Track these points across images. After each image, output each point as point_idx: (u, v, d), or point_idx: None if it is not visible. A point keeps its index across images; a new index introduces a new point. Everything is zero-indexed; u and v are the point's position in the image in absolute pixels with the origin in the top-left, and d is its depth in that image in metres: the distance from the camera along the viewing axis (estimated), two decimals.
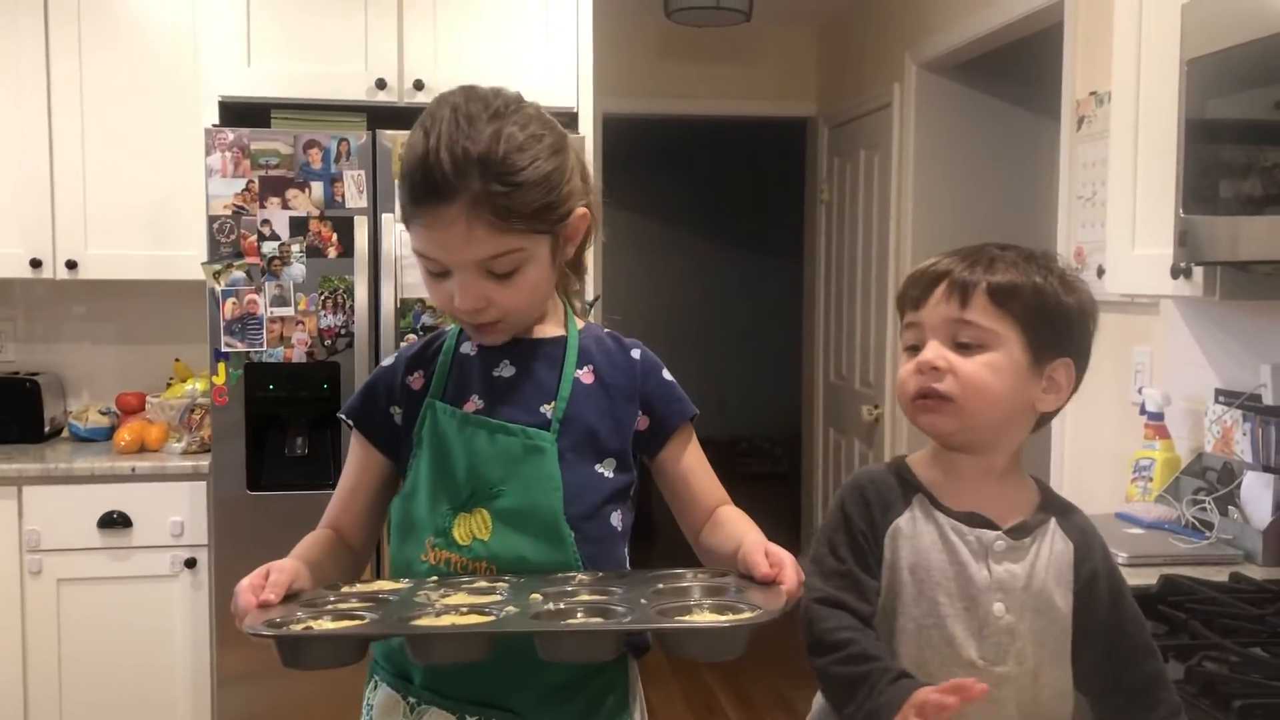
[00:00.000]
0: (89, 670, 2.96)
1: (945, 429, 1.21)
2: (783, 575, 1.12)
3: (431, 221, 1.20)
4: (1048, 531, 1.23)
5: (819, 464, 5.09)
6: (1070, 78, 2.94)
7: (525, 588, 1.16)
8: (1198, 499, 2.20)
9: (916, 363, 1.20)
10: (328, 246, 2.85)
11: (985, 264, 1.19)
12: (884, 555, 1.21)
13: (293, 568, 1.17)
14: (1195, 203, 1.86)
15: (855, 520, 1.22)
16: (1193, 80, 1.86)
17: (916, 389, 1.20)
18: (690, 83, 4.89)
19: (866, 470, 1.29)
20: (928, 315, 1.20)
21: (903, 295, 1.25)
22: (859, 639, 1.15)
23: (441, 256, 1.23)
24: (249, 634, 1.04)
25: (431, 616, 1.07)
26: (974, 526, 1.21)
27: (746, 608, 1.05)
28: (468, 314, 1.26)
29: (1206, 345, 2.37)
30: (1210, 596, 1.76)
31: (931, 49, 3.84)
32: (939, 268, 1.21)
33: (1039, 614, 1.20)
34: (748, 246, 7.91)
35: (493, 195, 1.18)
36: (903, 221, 4.08)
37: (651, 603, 1.10)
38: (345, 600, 1.15)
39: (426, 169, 1.18)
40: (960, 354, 1.18)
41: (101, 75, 3.14)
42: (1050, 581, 1.21)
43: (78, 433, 3.31)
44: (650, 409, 1.35)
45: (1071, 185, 2.94)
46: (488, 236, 1.19)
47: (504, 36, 3.08)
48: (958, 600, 1.19)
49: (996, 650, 1.18)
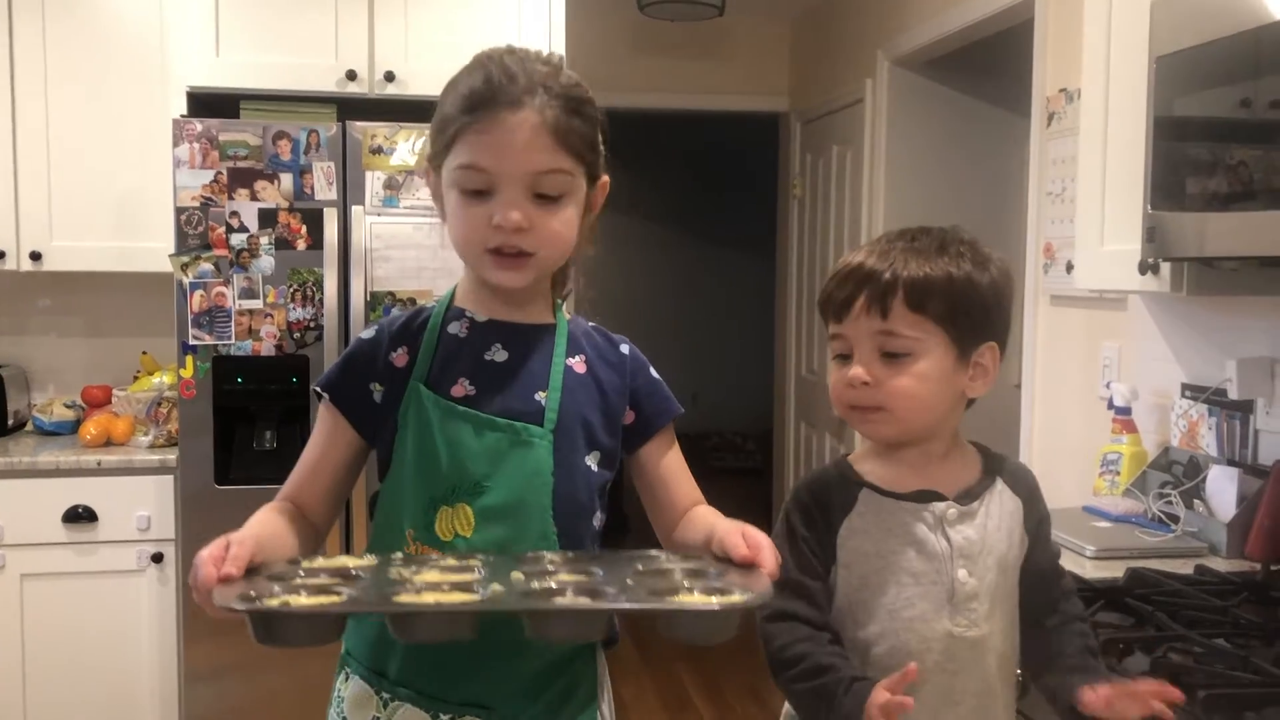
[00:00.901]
0: (54, 667, 2.92)
1: (883, 435, 1.26)
2: (761, 558, 1.12)
3: (491, 126, 1.20)
4: (995, 491, 1.28)
5: (790, 458, 5.10)
6: (1040, 74, 2.96)
7: (502, 565, 1.13)
8: (1164, 492, 2.23)
9: (847, 378, 1.23)
10: (297, 239, 2.83)
11: (899, 263, 1.21)
12: (838, 555, 1.24)
13: (254, 540, 1.10)
14: (1163, 199, 1.87)
15: (798, 529, 1.26)
16: (1161, 78, 1.88)
17: (850, 401, 1.24)
18: (662, 77, 4.89)
19: (810, 476, 1.33)
20: (851, 329, 1.23)
21: (825, 302, 1.26)
22: (811, 651, 1.19)
23: (497, 164, 1.20)
24: (220, 608, 0.99)
25: (413, 594, 1.03)
26: (924, 502, 1.25)
27: (737, 590, 1.05)
28: (508, 232, 1.21)
29: (1173, 340, 2.39)
30: (1176, 589, 1.78)
31: (903, 45, 3.85)
32: (855, 270, 1.23)
33: (999, 572, 1.25)
34: (720, 241, 7.92)
35: (558, 112, 1.21)
36: (874, 217, 4.09)
37: (639, 583, 1.08)
38: (315, 576, 1.10)
39: (491, 80, 1.21)
40: (887, 364, 1.21)
41: (67, 65, 3.09)
42: (1004, 538, 1.26)
43: (42, 426, 3.26)
44: (637, 405, 1.34)
45: (1041, 181, 2.96)
46: (547, 148, 1.21)
47: (476, 28, 3.06)
48: (923, 577, 1.22)
49: (969, 616, 1.22)
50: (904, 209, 4.00)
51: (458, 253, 1.30)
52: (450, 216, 1.27)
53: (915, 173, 4.01)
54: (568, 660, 1.28)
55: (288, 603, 1.00)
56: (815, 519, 1.25)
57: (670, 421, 1.37)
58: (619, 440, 1.33)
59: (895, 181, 4.03)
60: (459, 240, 1.27)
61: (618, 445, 1.33)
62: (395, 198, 2.86)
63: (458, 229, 1.26)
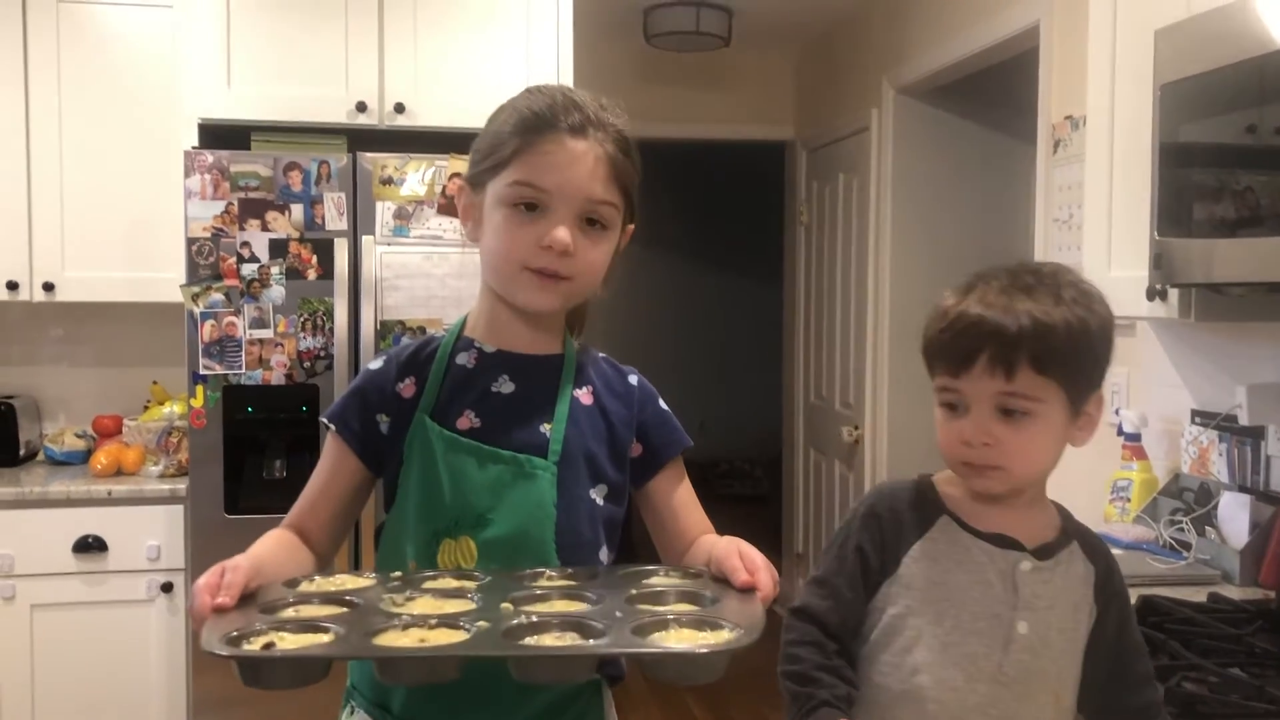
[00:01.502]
0: (63, 697, 2.92)
1: (994, 489, 1.22)
2: (758, 580, 1.12)
3: (555, 148, 1.23)
4: (1071, 554, 1.25)
5: (800, 485, 5.09)
6: (1046, 102, 2.97)
7: (495, 590, 1.12)
8: (1175, 519, 2.22)
9: (963, 439, 1.18)
10: (307, 268, 2.85)
11: (1023, 318, 1.14)
12: (899, 572, 1.22)
13: (249, 567, 1.10)
14: (1170, 225, 1.88)
15: (857, 535, 1.24)
16: (1166, 105, 1.89)
17: (964, 458, 1.20)
18: (669, 107, 4.91)
19: (890, 486, 1.30)
20: (971, 387, 1.17)
21: (939, 351, 1.20)
22: (808, 658, 1.19)
23: (557, 185, 1.22)
24: (205, 652, 0.99)
25: (398, 630, 1.02)
26: (1001, 548, 1.22)
27: (727, 625, 1.03)
28: (554, 254, 1.22)
29: (1182, 366, 2.39)
30: (1189, 617, 1.77)
31: (909, 74, 3.87)
32: (975, 323, 1.16)
33: (1060, 634, 1.22)
34: (727, 269, 7.93)
35: (615, 149, 1.26)
36: (881, 244, 4.10)
37: (627, 617, 1.06)
38: (306, 602, 1.09)
39: (556, 105, 1.25)
40: (1006, 423, 1.17)
41: (80, 97, 3.13)
42: (1073, 603, 1.24)
43: (53, 456, 3.27)
44: (645, 438, 1.34)
45: (1047, 208, 2.97)
46: (603, 180, 1.25)
47: (485, 60, 3.09)
48: (982, 619, 1.20)
49: (1019, 668, 1.20)
50: (911, 236, 4.01)
51: (489, 271, 1.29)
52: (492, 233, 1.27)
53: (921, 200, 4.02)
54: (574, 696, 1.27)
55: (272, 643, 1.00)
56: (885, 530, 1.23)
57: (679, 454, 1.36)
58: (626, 473, 1.33)
59: (901, 208, 4.04)
60: (499, 255, 1.26)
61: (625, 478, 1.32)
62: (405, 227, 2.88)
63: (500, 245, 1.26)
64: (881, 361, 4.11)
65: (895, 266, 4.03)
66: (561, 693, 1.26)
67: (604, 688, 1.33)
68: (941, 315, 1.20)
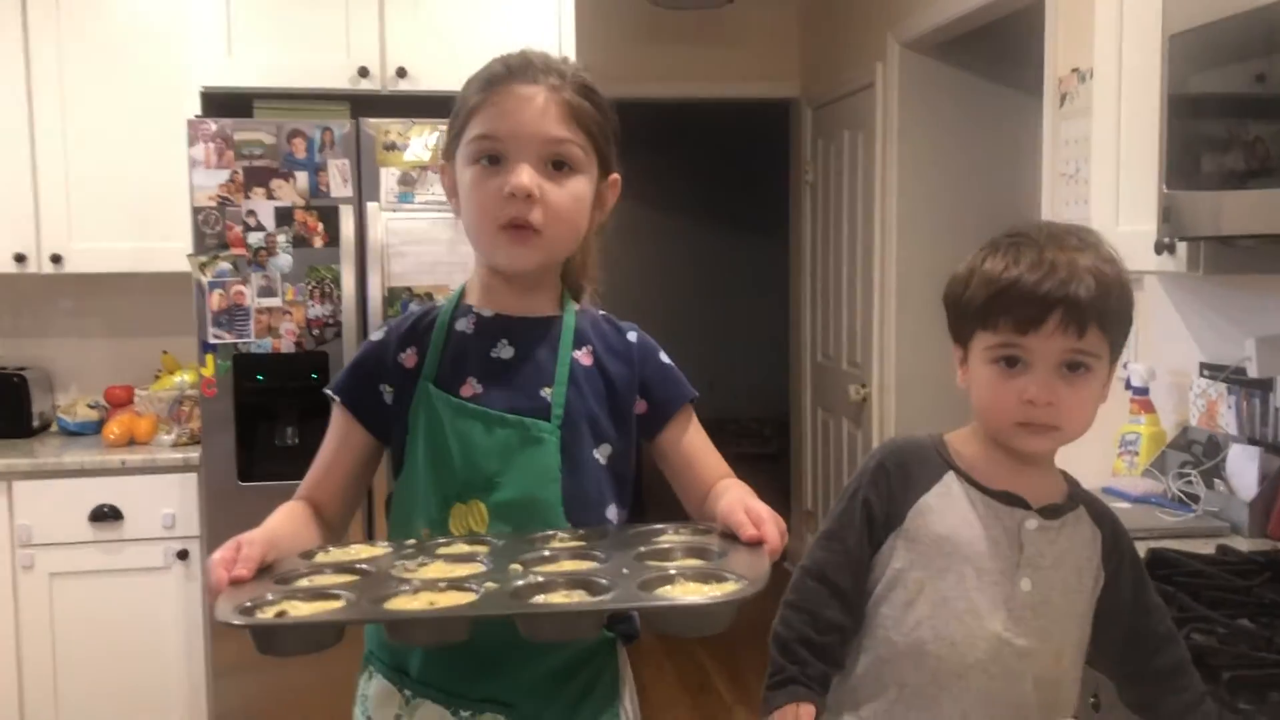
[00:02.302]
0: (84, 664, 2.96)
1: (1044, 450, 1.24)
2: (764, 532, 1.13)
3: (507, 96, 1.25)
4: (1078, 517, 1.26)
5: (808, 444, 5.10)
6: (1052, 55, 2.94)
7: (505, 553, 1.14)
8: (1184, 472, 2.23)
9: (1025, 398, 1.18)
10: (313, 236, 2.85)
11: (1075, 277, 1.16)
12: (904, 525, 1.23)
13: (264, 539, 1.13)
14: (1178, 178, 1.87)
15: (865, 488, 1.26)
16: (1174, 55, 1.87)
17: (1024, 418, 1.19)
18: (673, 66, 4.87)
19: (900, 440, 1.31)
20: (1041, 344, 1.17)
21: (999, 310, 1.18)
22: (798, 627, 1.22)
23: (509, 130, 1.24)
24: (219, 623, 1.01)
25: (409, 594, 1.04)
26: (1006, 504, 1.23)
27: (731, 577, 1.04)
28: (519, 201, 1.23)
29: (1191, 319, 2.39)
30: (1198, 569, 1.78)
31: (914, 28, 3.83)
32: (1046, 281, 1.16)
33: (1064, 593, 1.23)
34: (733, 228, 7.90)
35: (570, 93, 1.27)
36: (887, 201, 4.08)
37: (634, 573, 1.07)
38: (320, 572, 1.11)
39: (508, 63, 1.28)
40: (1066, 380, 1.18)
41: (82, 67, 3.11)
42: (1078, 563, 1.25)
43: (66, 427, 3.30)
44: (648, 393, 1.35)
45: (1054, 162, 2.95)
46: (558, 119, 1.25)
47: (486, 23, 3.07)
48: (986, 575, 1.21)
49: (1020, 624, 1.21)
50: (917, 192, 3.99)
51: (470, 238, 1.31)
52: (464, 198, 1.29)
53: (927, 155, 4.00)
54: (588, 655, 1.29)
55: (284, 611, 1.02)
56: (892, 483, 1.24)
57: (685, 404, 1.37)
58: (630, 431, 1.34)
59: (907, 165, 4.01)
60: (472, 219, 1.28)
61: (629, 436, 1.33)
62: (410, 193, 2.88)
63: (471, 207, 1.28)
64: (888, 320, 4.10)
65: (901, 224, 4.01)
66: (576, 652, 1.27)
67: (618, 646, 1.34)
68: (994, 277, 1.19)
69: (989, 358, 1.21)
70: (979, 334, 1.21)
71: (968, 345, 1.24)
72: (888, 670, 1.24)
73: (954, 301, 1.25)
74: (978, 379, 1.23)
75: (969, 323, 1.23)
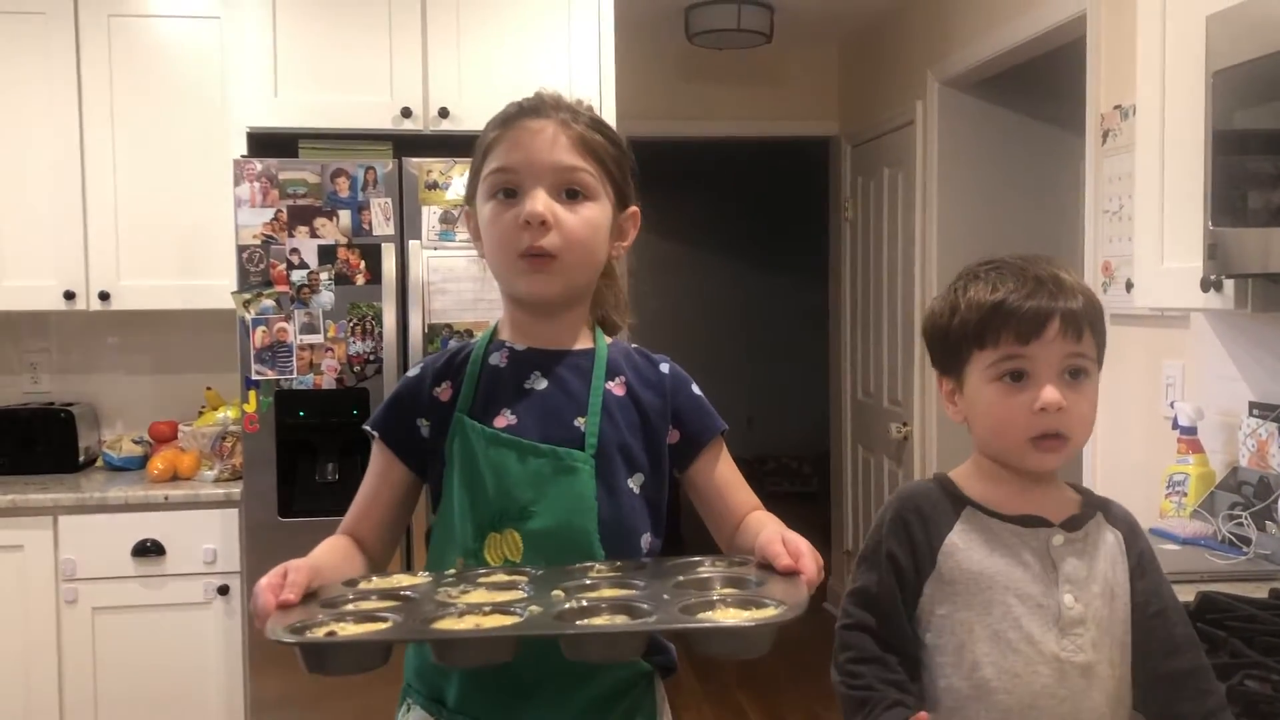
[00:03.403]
0: (125, 698, 2.98)
1: (1055, 465, 1.23)
2: (801, 564, 1.13)
3: (520, 130, 1.29)
4: (1098, 524, 1.26)
5: (848, 482, 5.06)
6: (1094, 91, 2.93)
7: (546, 582, 1.15)
8: (1234, 514, 2.18)
9: (1043, 404, 1.18)
10: (356, 274, 2.88)
11: (1063, 289, 1.19)
12: (936, 569, 1.22)
13: (310, 567, 1.15)
14: (1224, 214, 1.84)
15: (887, 541, 1.24)
16: (1219, 92, 1.85)
17: (1040, 430, 1.19)
18: (712, 104, 4.91)
19: (909, 489, 1.30)
20: (1043, 351, 1.18)
21: (999, 324, 1.19)
22: (868, 674, 1.19)
23: (521, 161, 1.27)
24: (271, 640, 1.03)
25: (454, 617, 1.06)
26: (1030, 526, 1.23)
27: (771, 604, 1.05)
28: (534, 229, 1.26)
29: (1239, 358, 2.35)
30: (1250, 614, 1.73)
31: (953, 66, 3.83)
32: (1040, 291, 1.18)
33: (1105, 602, 1.23)
34: (773, 265, 7.90)
35: (580, 127, 1.31)
36: (927, 238, 4.07)
37: (674, 599, 1.08)
38: (365, 599, 1.14)
39: (521, 101, 1.33)
40: (1071, 386, 1.19)
41: (132, 109, 3.19)
42: (1109, 569, 1.24)
43: (111, 462, 3.34)
44: (681, 423, 1.35)
45: (1097, 199, 2.93)
46: (568, 149, 1.29)
47: (527, 63, 3.11)
48: (1029, 600, 1.21)
49: (1074, 640, 1.20)
50: (957, 230, 3.97)
51: (493, 272, 1.34)
52: (484, 233, 1.32)
53: (968, 193, 3.98)
54: (625, 687, 1.29)
55: (334, 632, 1.04)
56: (913, 531, 1.23)
57: (716, 436, 1.37)
58: (664, 461, 1.34)
59: (947, 202, 4.00)
60: (493, 251, 1.31)
61: (663, 466, 1.34)
62: (451, 232, 2.90)
63: (491, 240, 1.31)
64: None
65: (942, 261, 3.99)
66: (614, 684, 1.27)
67: (656, 679, 1.34)
68: (984, 299, 1.20)
69: (992, 375, 1.21)
70: (976, 355, 1.22)
71: (962, 372, 1.24)
72: (959, 718, 1.21)
73: (941, 331, 1.26)
74: (981, 401, 1.22)
75: (963, 347, 1.23)
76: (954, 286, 1.26)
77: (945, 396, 1.29)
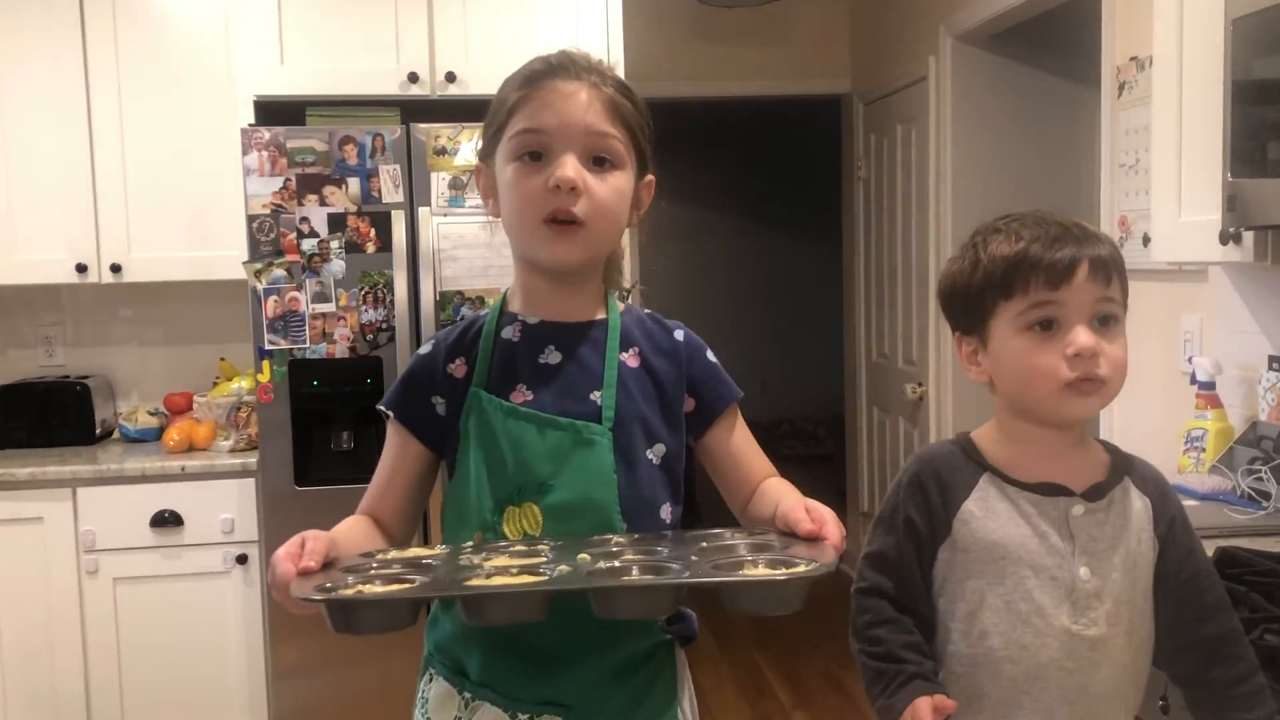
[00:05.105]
0: (148, 666, 3.01)
1: (1093, 412, 1.21)
2: (825, 530, 1.13)
3: (550, 91, 1.25)
4: (1125, 491, 1.23)
5: (863, 444, 5.06)
6: (1110, 44, 2.88)
7: (569, 549, 1.14)
8: (1253, 468, 2.16)
9: (1077, 348, 1.15)
10: (366, 242, 2.87)
11: (1088, 236, 1.18)
12: (952, 536, 1.21)
13: (329, 538, 1.15)
14: (1243, 166, 1.81)
15: (904, 506, 1.23)
16: (1238, 40, 1.82)
17: (1078, 375, 1.16)
18: (721, 64, 4.86)
19: (928, 450, 1.29)
20: (1074, 296, 1.16)
21: (1027, 271, 1.17)
22: (889, 638, 1.19)
23: (555, 123, 1.24)
24: (298, 599, 1.03)
25: (482, 578, 1.05)
26: (1049, 495, 1.21)
27: (802, 561, 1.05)
28: (563, 194, 1.22)
29: (1259, 311, 2.32)
30: (1270, 568, 1.72)
31: (966, 20, 3.78)
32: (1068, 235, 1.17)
33: (1125, 573, 1.20)
34: (785, 227, 7.86)
35: (610, 90, 1.27)
36: (942, 196, 4.03)
37: (703, 559, 1.09)
38: (388, 566, 1.13)
39: (549, 60, 1.28)
40: (1102, 332, 1.17)
41: (138, 79, 3.17)
42: (1132, 540, 1.21)
43: (128, 434, 3.36)
44: (696, 392, 1.34)
45: (1114, 153, 2.89)
46: (602, 115, 1.26)
47: (534, 25, 3.08)
48: (1043, 571, 1.19)
49: (1087, 614, 1.18)
50: (972, 186, 3.93)
51: (511, 235, 1.30)
52: (505, 195, 1.28)
53: (982, 149, 3.94)
54: (646, 656, 1.28)
55: (361, 591, 1.03)
56: (930, 495, 1.22)
57: (732, 404, 1.36)
58: (681, 429, 1.33)
59: (962, 159, 3.96)
60: (514, 214, 1.27)
61: (680, 434, 1.33)
62: (461, 198, 2.89)
63: (513, 202, 1.26)
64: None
65: (956, 219, 3.95)
66: (634, 653, 1.27)
67: (676, 648, 1.34)
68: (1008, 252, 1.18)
69: (1020, 325, 1.18)
70: (1003, 306, 1.19)
71: (985, 328, 1.22)
72: (965, 684, 1.21)
73: (960, 289, 1.23)
74: (1009, 353, 1.19)
75: (986, 299, 1.20)
76: (971, 243, 1.24)
77: (965, 359, 1.26)
